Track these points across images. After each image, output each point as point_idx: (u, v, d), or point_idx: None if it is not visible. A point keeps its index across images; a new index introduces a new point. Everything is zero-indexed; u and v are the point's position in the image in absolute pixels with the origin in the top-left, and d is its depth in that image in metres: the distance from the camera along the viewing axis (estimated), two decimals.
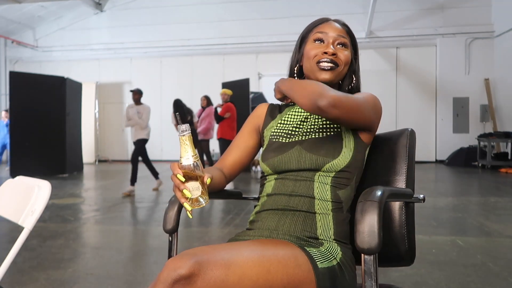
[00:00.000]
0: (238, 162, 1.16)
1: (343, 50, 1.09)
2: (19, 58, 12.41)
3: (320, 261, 0.89)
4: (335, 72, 1.07)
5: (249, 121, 1.22)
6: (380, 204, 0.79)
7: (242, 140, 1.18)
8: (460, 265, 2.51)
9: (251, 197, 1.30)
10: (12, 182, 1.20)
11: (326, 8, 9.83)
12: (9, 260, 1.00)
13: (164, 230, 1.06)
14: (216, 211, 4.48)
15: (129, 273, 2.47)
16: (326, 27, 1.10)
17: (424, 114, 10.48)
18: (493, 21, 9.97)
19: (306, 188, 1.01)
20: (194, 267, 0.73)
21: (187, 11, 11.22)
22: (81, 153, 9.26)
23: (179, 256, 0.76)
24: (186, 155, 0.86)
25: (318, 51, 1.08)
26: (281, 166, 1.04)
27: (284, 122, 1.15)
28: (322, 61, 1.06)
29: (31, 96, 7.88)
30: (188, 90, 10.81)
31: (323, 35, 1.09)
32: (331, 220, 0.99)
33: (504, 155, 8.99)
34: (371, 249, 0.75)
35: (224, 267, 0.77)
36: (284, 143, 1.08)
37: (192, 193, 0.86)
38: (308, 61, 1.10)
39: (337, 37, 1.09)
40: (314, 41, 1.10)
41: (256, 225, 1.04)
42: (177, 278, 0.72)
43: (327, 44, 1.08)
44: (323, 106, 0.89)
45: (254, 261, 0.81)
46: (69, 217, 4.13)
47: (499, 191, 5.75)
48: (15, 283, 2.25)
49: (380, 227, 0.76)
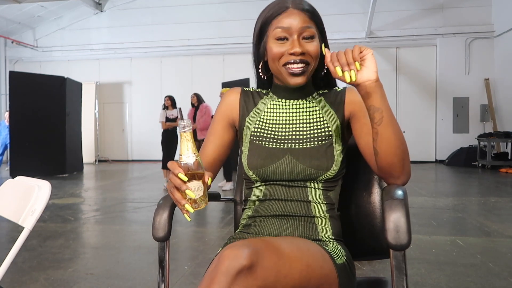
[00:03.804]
0: (217, 160, 1.08)
1: (310, 43, 0.96)
2: (19, 58, 12.41)
3: (335, 257, 0.90)
4: (307, 73, 0.97)
5: (220, 114, 1.09)
6: (406, 201, 0.81)
7: (216, 137, 1.08)
8: (460, 265, 2.51)
9: (226, 198, 1.29)
10: (12, 182, 1.20)
11: (326, 8, 9.83)
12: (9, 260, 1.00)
13: (154, 238, 0.94)
14: (216, 211, 4.48)
15: (129, 273, 2.47)
16: (287, 19, 0.95)
17: (424, 114, 10.48)
18: (493, 21, 9.97)
19: (301, 193, 0.99)
20: (252, 256, 0.70)
21: (187, 11, 11.22)
22: (81, 153, 9.26)
23: (234, 246, 0.72)
24: (187, 152, 0.80)
25: (283, 51, 0.95)
26: (272, 176, 0.99)
27: (264, 120, 1.05)
28: (291, 65, 0.95)
29: (31, 96, 7.88)
30: (188, 90, 10.76)
31: (285, 32, 0.95)
32: (328, 222, 0.99)
33: (504, 155, 8.99)
34: (402, 245, 0.76)
35: (277, 257, 0.75)
36: (271, 148, 1.00)
37: (194, 193, 0.80)
38: (273, 62, 0.98)
39: (302, 29, 0.95)
40: (276, 39, 0.96)
41: (253, 229, 1.01)
42: (240, 268, 0.69)
43: (292, 41, 0.95)
44: (397, 182, 0.92)
45: (297, 255, 0.80)
46: (69, 217, 4.13)
47: (499, 191, 5.75)
48: (15, 283, 2.25)
49: (409, 223, 0.78)
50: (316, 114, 1.03)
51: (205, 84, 10.83)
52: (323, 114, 1.03)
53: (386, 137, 0.88)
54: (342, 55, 0.85)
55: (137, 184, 6.98)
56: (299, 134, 1.02)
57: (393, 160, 0.89)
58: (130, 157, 12.01)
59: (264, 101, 1.08)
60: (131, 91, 12.00)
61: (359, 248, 1.10)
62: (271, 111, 1.06)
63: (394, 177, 0.92)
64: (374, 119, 0.88)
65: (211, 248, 2.96)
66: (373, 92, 0.86)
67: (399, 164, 0.90)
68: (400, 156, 0.89)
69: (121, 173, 9.00)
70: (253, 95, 1.10)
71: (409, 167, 0.92)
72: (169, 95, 7.07)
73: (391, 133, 0.88)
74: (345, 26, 10.25)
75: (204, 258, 2.73)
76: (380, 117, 0.87)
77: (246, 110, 1.08)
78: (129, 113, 12.08)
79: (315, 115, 1.03)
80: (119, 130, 12.06)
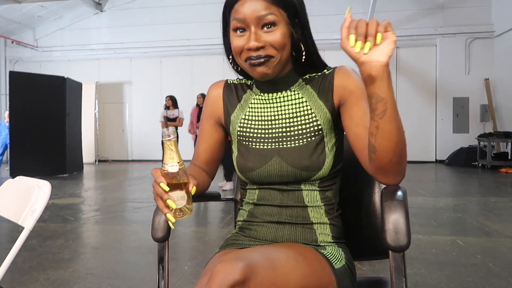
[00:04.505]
0: (210, 160, 1.05)
1: (272, 32, 0.85)
2: (19, 58, 12.41)
3: (334, 262, 0.88)
4: (271, 64, 0.87)
5: (206, 112, 1.05)
6: (405, 202, 0.80)
7: (207, 137, 1.04)
8: (460, 265, 2.51)
9: (227, 198, 1.28)
10: (12, 182, 1.20)
11: (326, 8, 9.83)
12: (9, 260, 1.00)
13: (153, 238, 0.94)
14: (216, 211, 4.48)
15: (129, 273, 2.47)
16: (242, 7, 0.85)
17: (424, 114, 10.48)
18: (493, 21, 9.97)
19: (296, 198, 0.94)
20: (246, 271, 0.69)
21: (187, 11, 11.23)
22: (81, 153, 9.26)
23: (226, 261, 0.71)
24: (171, 162, 0.77)
25: (241, 45, 0.87)
26: (262, 179, 0.95)
27: (249, 118, 0.99)
28: (251, 60, 0.87)
29: (31, 96, 7.88)
30: (188, 90, 10.81)
31: (241, 22, 0.85)
32: (328, 226, 0.95)
33: (504, 155, 8.99)
34: (402, 246, 0.76)
35: (271, 270, 0.73)
36: (259, 150, 0.95)
37: (176, 203, 0.78)
38: (236, 57, 0.91)
39: (259, 19, 0.84)
40: (234, 31, 0.88)
41: (249, 233, 0.98)
42: (232, 284, 0.67)
43: (249, 34, 0.85)
44: (390, 182, 0.85)
45: (293, 264, 0.78)
46: (69, 217, 4.13)
47: (499, 191, 5.75)
48: (15, 283, 2.25)
49: (408, 224, 0.77)
50: (303, 106, 0.94)
51: (205, 84, 10.78)
52: (310, 105, 0.94)
53: (387, 133, 0.77)
54: (363, 23, 0.73)
55: (137, 184, 6.97)
56: (286, 131, 0.94)
57: (391, 160, 0.79)
58: (130, 157, 12.02)
59: (248, 95, 1.01)
60: (131, 91, 12.01)
61: (360, 248, 1.09)
62: (255, 106, 0.99)
63: (389, 177, 0.83)
64: (375, 111, 0.76)
65: (211, 248, 2.96)
66: (379, 77, 0.74)
67: (397, 164, 0.80)
68: (399, 156, 0.79)
69: (121, 173, 9.01)
70: (237, 89, 1.03)
71: (405, 168, 0.84)
72: (170, 95, 7.10)
73: (393, 129, 0.76)
74: None
75: (204, 258, 2.73)
76: (383, 109, 0.75)
77: (230, 107, 1.01)
78: (129, 113, 12.08)
79: (301, 107, 0.94)
80: (119, 130, 12.07)
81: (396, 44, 0.76)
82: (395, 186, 0.85)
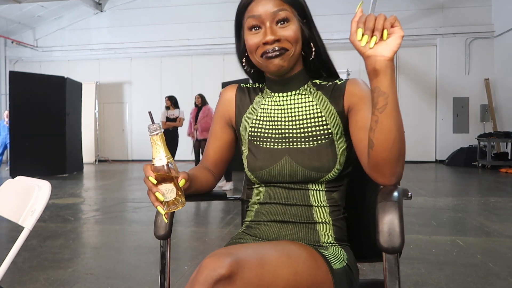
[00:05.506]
0: (220, 160, 1.08)
1: (286, 27, 0.91)
2: (19, 58, 12.42)
3: (333, 262, 0.89)
4: (286, 57, 0.91)
5: (218, 113, 1.09)
6: (400, 204, 0.79)
7: (217, 137, 1.08)
8: (460, 265, 2.51)
9: (234, 198, 1.29)
10: (12, 182, 1.20)
11: (326, 8, 9.84)
12: (9, 260, 1.00)
13: (155, 236, 0.97)
14: (216, 211, 4.48)
15: (129, 273, 2.47)
16: (257, 6, 0.91)
17: (424, 114, 10.48)
18: (493, 21, 9.97)
19: (301, 197, 0.96)
20: (233, 266, 0.70)
21: (187, 11, 11.23)
22: (81, 153, 9.26)
23: (215, 255, 0.73)
24: (158, 155, 0.80)
25: (257, 42, 0.92)
26: (271, 178, 0.97)
27: (260, 119, 1.02)
28: (266, 53, 0.91)
29: (31, 96, 7.88)
30: (188, 90, 10.81)
31: (256, 20, 0.91)
32: (331, 227, 0.96)
33: (504, 155, 8.99)
34: (395, 248, 0.75)
35: (259, 266, 0.74)
36: (270, 149, 0.97)
37: (165, 196, 0.81)
38: (252, 55, 0.95)
39: (273, 14, 0.90)
40: (249, 29, 0.93)
41: (254, 232, 1.00)
42: (218, 278, 0.69)
43: (264, 30, 0.91)
44: (386, 183, 0.84)
45: (284, 261, 0.78)
46: (69, 217, 4.13)
47: (499, 191, 5.75)
48: (15, 283, 2.25)
49: (402, 226, 0.76)
50: (313, 109, 0.98)
51: (205, 84, 10.83)
52: (321, 109, 0.97)
53: (386, 127, 0.78)
54: (371, 18, 0.75)
55: (137, 184, 6.97)
56: (296, 132, 0.97)
57: (388, 156, 0.79)
58: (130, 157, 12.02)
59: (260, 97, 1.04)
60: (131, 91, 12.01)
61: (364, 250, 1.09)
62: (267, 107, 1.02)
63: (385, 176, 0.83)
64: (376, 104, 0.78)
65: (211, 248, 2.96)
66: (382, 71, 0.76)
67: (394, 162, 0.80)
68: (396, 154, 0.80)
69: (121, 173, 9.01)
70: (249, 92, 1.07)
71: (403, 168, 0.84)
72: (169, 96, 7.11)
73: (392, 124, 0.78)
74: (345, 26, 10.22)
75: (204, 258, 2.73)
76: (384, 103, 0.77)
77: (242, 108, 1.05)
78: (129, 113, 12.08)
79: (312, 110, 0.98)
80: (119, 130, 12.07)
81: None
82: (392, 187, 0.83)
